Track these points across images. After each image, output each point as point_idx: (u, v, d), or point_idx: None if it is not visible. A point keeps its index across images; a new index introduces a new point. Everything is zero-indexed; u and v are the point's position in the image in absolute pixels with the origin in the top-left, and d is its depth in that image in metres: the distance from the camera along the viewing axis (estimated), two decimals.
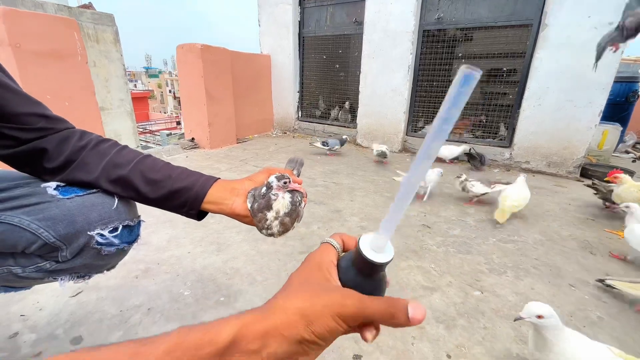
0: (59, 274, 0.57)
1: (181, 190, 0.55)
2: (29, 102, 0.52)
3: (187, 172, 0.58)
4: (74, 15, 4.97)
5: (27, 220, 0.50)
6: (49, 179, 0.55)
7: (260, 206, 0.55)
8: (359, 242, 0.31)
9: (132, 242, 0.62)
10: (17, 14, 1.84)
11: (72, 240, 0.53)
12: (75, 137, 0.55)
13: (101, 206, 0.55)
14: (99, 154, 0.55)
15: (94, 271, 0.61)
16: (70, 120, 0.60)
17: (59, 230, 0.51)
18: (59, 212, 0.52)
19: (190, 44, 3.12)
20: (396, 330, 1.01)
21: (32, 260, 0.54)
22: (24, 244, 0.51)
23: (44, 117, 0.53)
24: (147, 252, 1.41)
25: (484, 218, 1.89)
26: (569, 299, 1.20)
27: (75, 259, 0.55)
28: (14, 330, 0.97)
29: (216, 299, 1.14)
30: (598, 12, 2.40)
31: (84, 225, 0.53)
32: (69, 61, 2.10)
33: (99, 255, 0.56)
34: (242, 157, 3.12)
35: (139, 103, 16.75)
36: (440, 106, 0.27)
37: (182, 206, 0.57)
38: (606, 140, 3.21)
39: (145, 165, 0.56)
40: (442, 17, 3.12)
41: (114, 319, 1.02)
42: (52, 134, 0.54)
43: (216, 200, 0.57)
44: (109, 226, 0.56)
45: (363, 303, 0.28)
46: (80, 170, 0.54)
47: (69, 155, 0.54)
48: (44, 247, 0.52)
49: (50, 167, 0.54)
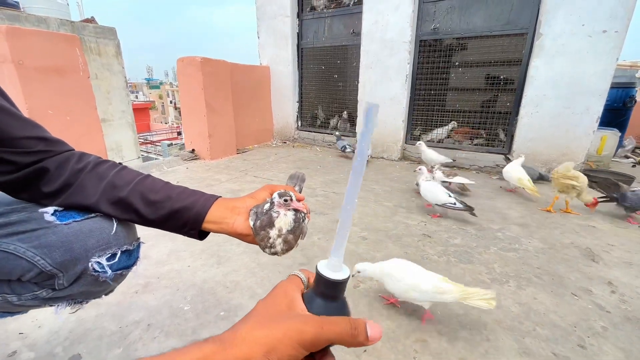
0: (55, 301, 0.56)
1: (181, 210, 0.55)
2: (28, 125, 0.51)
3: (187, 191, 0.58)
4: (76, 30, 5.07)
5: (23, 248, 0.49)
6: (47, 203, 0.53)
7: (263, 224, 0.54)
8: (317, 267, 0.34)
9: (131, 266, 0.60)
10: (20, 32, 1.87)
11: (69, 267, 0.51)
12: (74, 159, 0.54)
13: (99, 232, 0.54)
14: (98, 176, 0.54)
15: (91, 297, 0.60)
16: (71, 133, 0.59)
17: (55, 258, 0.50)
18: (56, 238, 0.51)
19: (190, 57, 3.17)
20: (398, 344, 1.00)
21: (28, 288, 0.53)
22: (19, 272, 0.50)
23: (43, 139, 0.52)
24: (147, 266, 1.41)
25: (485, 227, 1.88)
26: (572, 309, 1.19)
27: (72, 286, 0.54)
28: (13, 348, 0.96)
29: (216, 314, 1.13)
30: (592, 20, 2.44)
31: (81, 252, 0.52)
32: (71, 76, 2.13)
33: (96, 282, 0.55)
34: (242, 167, 3.13)
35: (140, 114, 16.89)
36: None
37: (182, 226, 0.56)
38: (605, 145, 3.22)
39: (145, 186, 0.55)
40: (438, 27, 3.17)
41: (113, 336, 1.01)
42: (51, 156, 0.53)
43: (217, 219, 0.56)
44: (107, 252, 0.54)
45: (322, 327, 0.29)
46: (79, 194, 0.53)
47: (67, 178, 0.53)
48: (40, 275, 0.51)
49: (48, 191, 0.52)
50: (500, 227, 1.87)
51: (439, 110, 3.44)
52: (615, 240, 1.75)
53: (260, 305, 0.34)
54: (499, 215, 2.03)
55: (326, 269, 0.33)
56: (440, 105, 3.44)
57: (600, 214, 2.10)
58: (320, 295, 0.34)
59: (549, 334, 1.06)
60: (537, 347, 1.01)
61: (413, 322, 1.10)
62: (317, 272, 0.33)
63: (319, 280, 0.33)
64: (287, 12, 4.00)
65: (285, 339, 0.28)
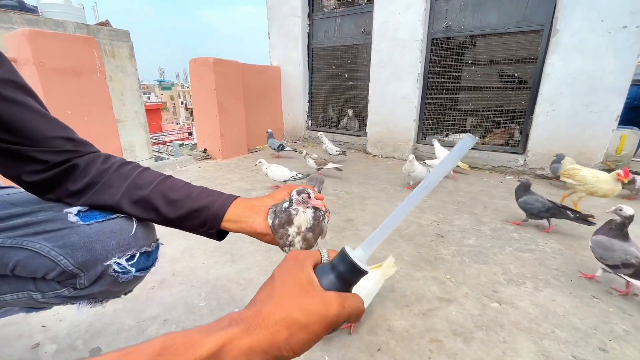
0: (77, 300, 0.57)
1: (201, 209, 0.55)
2: (58, 126, 0.53)
3: (207, 191, 0.58)
4: (92, 33, 5.19)
5: (48, 247, 0.50)
6: (72, 202, 0.55)
7: (282, 221, 0.53)
8: (345, 250, 0.34)
9: (149, 267, 0.61)
10: (41, 35, 1.93)
11: (89, 267, 0.53)
12: (100, 160, 0.56)
13: (119, 233, 0.55)
14: (122, 176, 0.55)
15: (111, 296, 0.61)
16: (88, 133, 0.61)
17: (77, 258, 0.51)
18: (79, 239, 0.52)
19: (203, 58, 3.21)
20: (412, 344, 1.00)
21: (52, 286, 0.55)
22: (43, 271, 0.51)
23: (72, 140, 0.54)
24: (163, 263, 1.42)
25: (499, 227, 1.85)
26: (593, 311, 1.16)
27: (92, 286, 0.55)
28: (36, 340, 0.99)
29: (230, 310, 1.13)
30: (611, 15, 2.36)
31: (102, 253, 0.53)
32: (89, 77, 2.19)
33: (116, 282, 0.56)
34: (253, 167, 3.16)
35: (152, 115, 17.16)
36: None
37: (202, 225, 0.56)
38: (625, 144, 3.12)
39: (166, 185, 0.56)
40: (451, 25, 3.13)
41: (131, 330, 1.04)
42: (78, 156, 0.54)
43: (236, 218, 0.56)
44: (127, 254, 0.55)
45: (343, 307, 0.32)
46: (103, 193, 0.54)
47: (93, 177, 0.54)
48: (63, 274, 0.52)
49: (74, 189, 0.54)
50: (515, 228, 1.84)
51: (451, 109, 3.40)
52: (637, 241, 1.69)
53: (278, 280, 0.34)
54: (513, 216, 1.99)
55: (355, 256, 0.33)
56: (452, 105, 3.39)
57: None
58: (338, 275, 0.34)
59: (569, 336, 1.04)
60: (556, 349, 0.99)
61: (427, 322, 1.09)
62: (343, 253, 0.34)
63: (343, 261, 0.34)
64: (298, 12, 4.01)
65: (309, 321, 0.30)
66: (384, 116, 3.60)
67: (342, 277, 0.34)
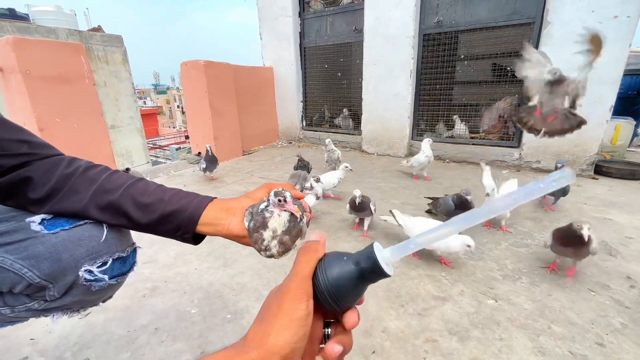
0: (50, 312, 0.55)
1: (174, 212, 0.52)
2: (10, 129, 0.50)
3: (181, 193, 0.55)
4: (84, 39, 5.16)
5: (10, 260, 0.47)
6: (35, 210, 0.51)
7: (256, 225, 0.51)
8: (375, 249, 0.33)
9: (127, 273, 0.58)
10: (26, 43, 1.91)
11: (58, 278, 0.50)
12: (63, 164, 0.52)
13: (88, 240, 0.52)
14: (88, 180, 0.52)
15: (88, 305, 0.58)
16: (78, 140, 0.58)
17: (43, 269, 0.48)
18: (44, 249, 0.49)
19: (193, 61, 3.19)
20: (407, 345, 0.98)
21: (20, 300, 0.52)
22: (8, 284, 0.48)
23: (26, 142, 0.50)
24: (154, 269, 1.42)
25: (495, 222, 1.83)
26: (589, 305, 1.15)
27: (64, 297, 0.52)
28: (24, 354, 0.97)
29: (223, 316, 1.12)
30: (602, 6, 2.35)
31: (71, 262, 0.50)
32: (77, 84, 2.16)
33: (89, 292, 0.53)
34: (248, 169, 3.14)
35: (148, 119, 17.13)
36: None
37: (176, 230, 0.53)
38: (619, 135, 3.11)
39: (137, 189, 0.53)
40: (442, 20, 3.11)
41: (121, 340, 1.02)
42: (36, 160, 0.51)
43: (212, 221, 0.53)
44: (98, 261, 0.52)
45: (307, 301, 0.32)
46: (68, 199, 0.51)
47: (56, 183, 0.50)
48: (30, 287, 0.49)
49: (36, 197, 0.50)
50: (511, 222, 1.82)
51: (445, 105, 3.38)
52: (633, 233, 1.69)
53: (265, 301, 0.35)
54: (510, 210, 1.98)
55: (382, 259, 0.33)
56: (447, 100, 3.37)
57: (616, 206, 2.03)
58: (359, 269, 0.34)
59: (565, 331, 1.03)
60: (552, 345, 0.97)
61: (423, 322, 1.08)
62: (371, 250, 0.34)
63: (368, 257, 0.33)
64: (289, 12, 3.98)
65: (276, 343, 0.30)
66: (379, 114, 3.58)
67: (362, 271, 0.34)
